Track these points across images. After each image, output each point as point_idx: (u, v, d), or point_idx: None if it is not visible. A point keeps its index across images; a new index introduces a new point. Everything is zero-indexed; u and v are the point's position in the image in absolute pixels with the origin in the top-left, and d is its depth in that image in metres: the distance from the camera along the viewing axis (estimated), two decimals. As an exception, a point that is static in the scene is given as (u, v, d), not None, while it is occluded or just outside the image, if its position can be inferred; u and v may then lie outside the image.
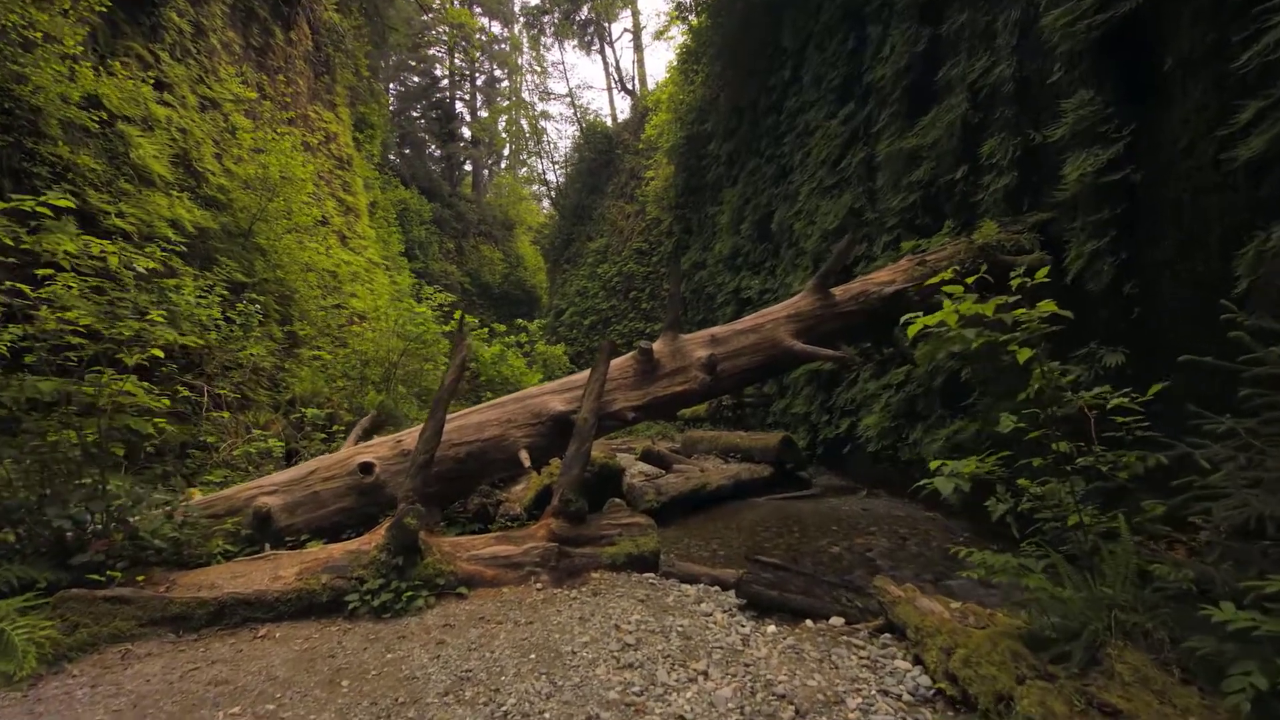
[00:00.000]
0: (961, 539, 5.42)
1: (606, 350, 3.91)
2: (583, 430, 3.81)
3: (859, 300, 4.48)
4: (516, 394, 4.12)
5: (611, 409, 4.07)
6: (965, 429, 5.76)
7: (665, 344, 4.35)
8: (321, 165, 14.91)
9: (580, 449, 3.77)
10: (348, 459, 3.80)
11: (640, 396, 4.15)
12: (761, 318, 4.51)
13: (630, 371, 4.24)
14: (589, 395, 3.88)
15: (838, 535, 5.53)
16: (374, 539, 3.23)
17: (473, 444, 3.87)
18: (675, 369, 4.23)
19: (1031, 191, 5.56)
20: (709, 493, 7.04)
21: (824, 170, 10.31)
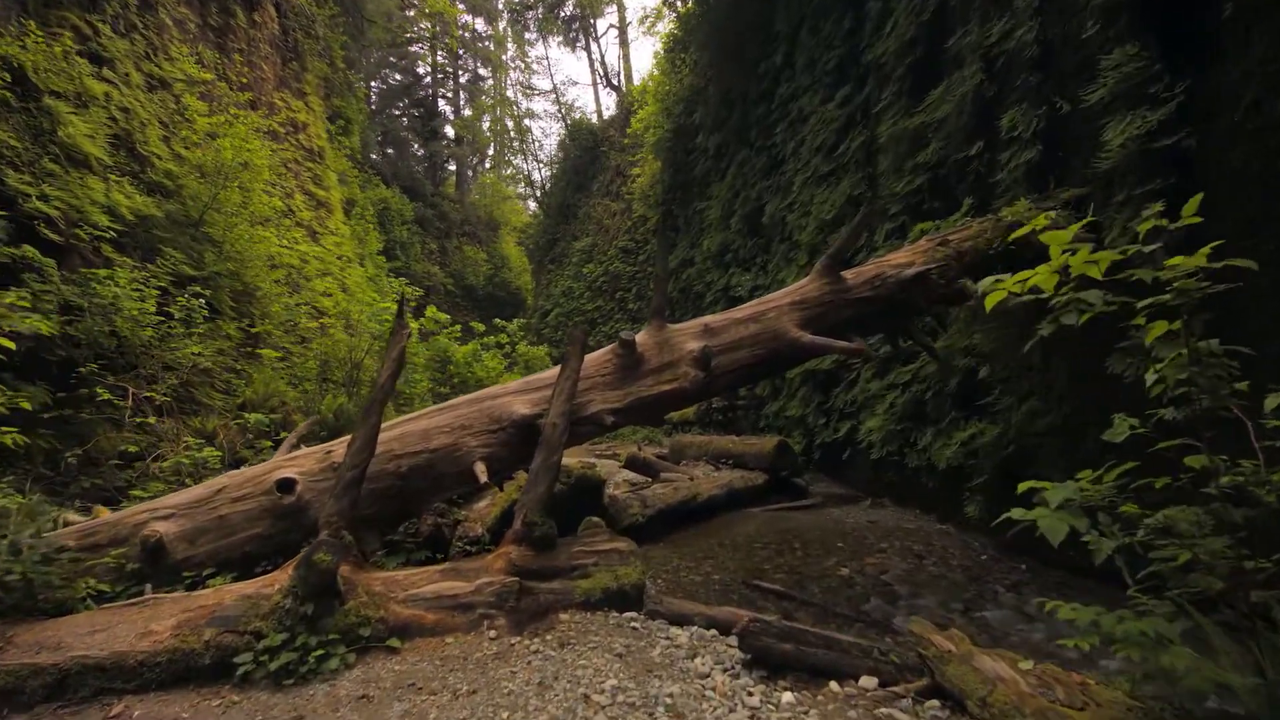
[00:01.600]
0: (984, 556, 4.82)
1: (578, 341, 3.26)
2: (551, 438, 3.16)
3: (874, 285, 3.87)
4: (472, 395, 3.46)
5: (586, 412, 3.42)
6: (985, 433, 5.16)
7: (650, 335, 3.71)
8: (288, 155, 14.14)
9: (548, 461, 3.12)
10: (264, 475, 3.12)
11: (621, 397, 3.50)
12: (763, 305, 3.88)
13: (609, 368, 3.59)
14: (558, 396, 3.23)
15: (845, 553, 4.91)
16: (282, 578, 2.56)
17: (417, 455, 3.21)
18: (662, 364, 3.59)
19: (1059, 166, 4.98)
20: (700, 504, 6.40)
21: (819, 158, 9.73)
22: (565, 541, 3.20)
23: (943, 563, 4.63)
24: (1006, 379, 5.38)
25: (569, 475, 4.83)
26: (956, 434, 5.54)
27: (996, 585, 4.13)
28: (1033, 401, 5.04)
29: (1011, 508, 4.96)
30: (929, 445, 6.05)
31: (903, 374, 6.69)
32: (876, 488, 7.21)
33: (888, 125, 7.32)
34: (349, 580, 2.60)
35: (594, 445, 12.05)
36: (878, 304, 3.91)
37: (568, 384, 3.22)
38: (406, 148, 40.74)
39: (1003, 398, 5.24)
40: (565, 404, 3.19)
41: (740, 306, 3.94)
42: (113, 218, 7.28)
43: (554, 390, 3.25)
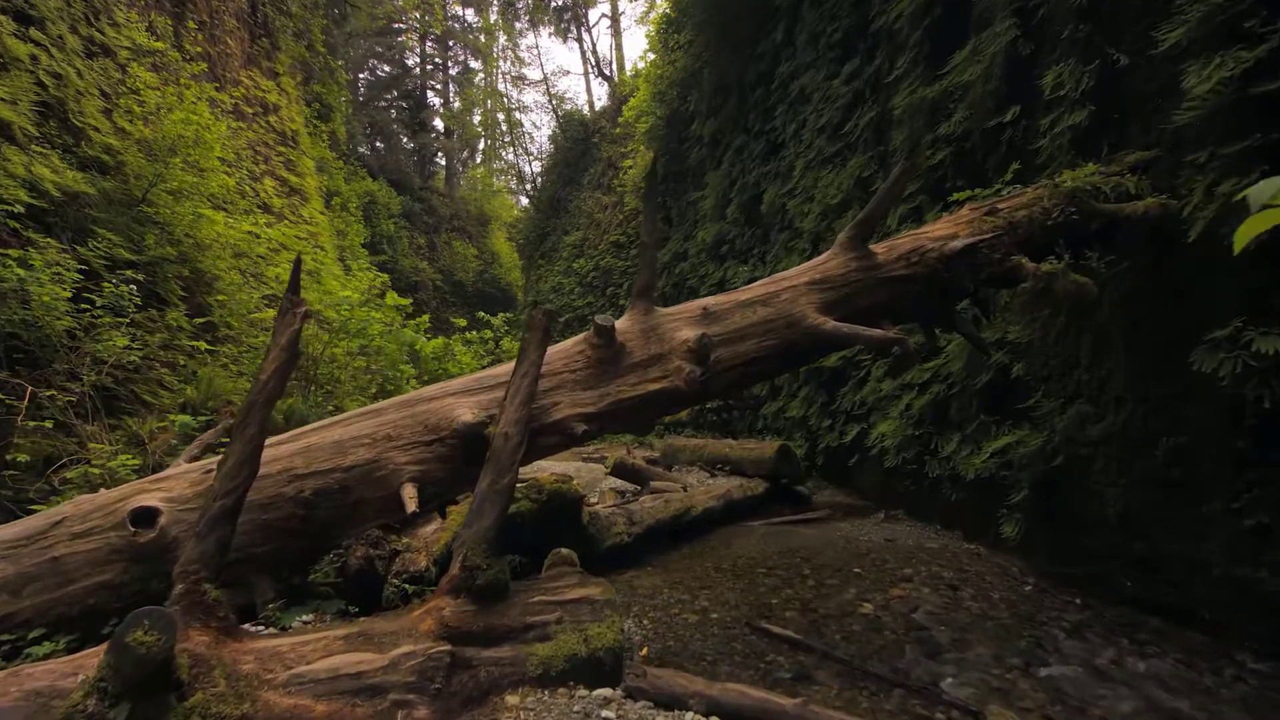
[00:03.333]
0: (1028, 587, 4.10)
1: (539, 327, 2.50)
2: (501, 454, 2.41)
3: (910, 261, 3.14)
4: (405, 397, 2.69)
5: (550, 418, 2.67)
6: (1026, 441, 4.43)
7: (634, 321, 2.95)
8: (257, 136, 13.30)
9: (497, 484, 2.37)
10: (117, 503, 2.36)
11: (595, 399, 2.74)
12: (774, 284, 3.13)
13: (580, 362, 2.83)
14: (512, 398, 2.48)
15: (864, 583, 4.18)
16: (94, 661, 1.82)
17: (327, 476, 2.44)
18: (649, 357, 2.84)
19: (1114, 129, 4.26)
20: (695, 518, 5.67)
21: (823, 139, 9.01)
22: (521, 589, 2.45)
23: (982, 596, 3.91)
24: (1047, 378, 4.66)
25: (540, 491, 4.08)
26: (989, 442, 4.81)
27: (1054, 628, 3.40)
28: (1081, 405, 4.32)
29: (1058, 528, 4.23)
30: (954, 453, 5.33)
31: (921, 373, 5.96)
32: (889, 499, 6.49)
33: (904, 96, 6.58)
34: (202, 659, 1.85)
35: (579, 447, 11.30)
36: (915, 284, 3.17)
37: (525, 382, 2.47)
38: (394, 140, 39.92)
39: (1045, 400, 4.51)
40: (521, 409, 2.44)
41: (746, 286, 3.20)
42: (35, 194, 6.46)
43: (507, 391, 2.50)
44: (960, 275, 3.17)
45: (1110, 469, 4.02)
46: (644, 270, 2.97)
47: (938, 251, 3.15)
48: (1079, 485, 4.16)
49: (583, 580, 2.61)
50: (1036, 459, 4.38)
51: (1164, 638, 3.33)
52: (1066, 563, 4.19)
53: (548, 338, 2.59)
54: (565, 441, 2.70)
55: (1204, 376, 3.33)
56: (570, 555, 2.86)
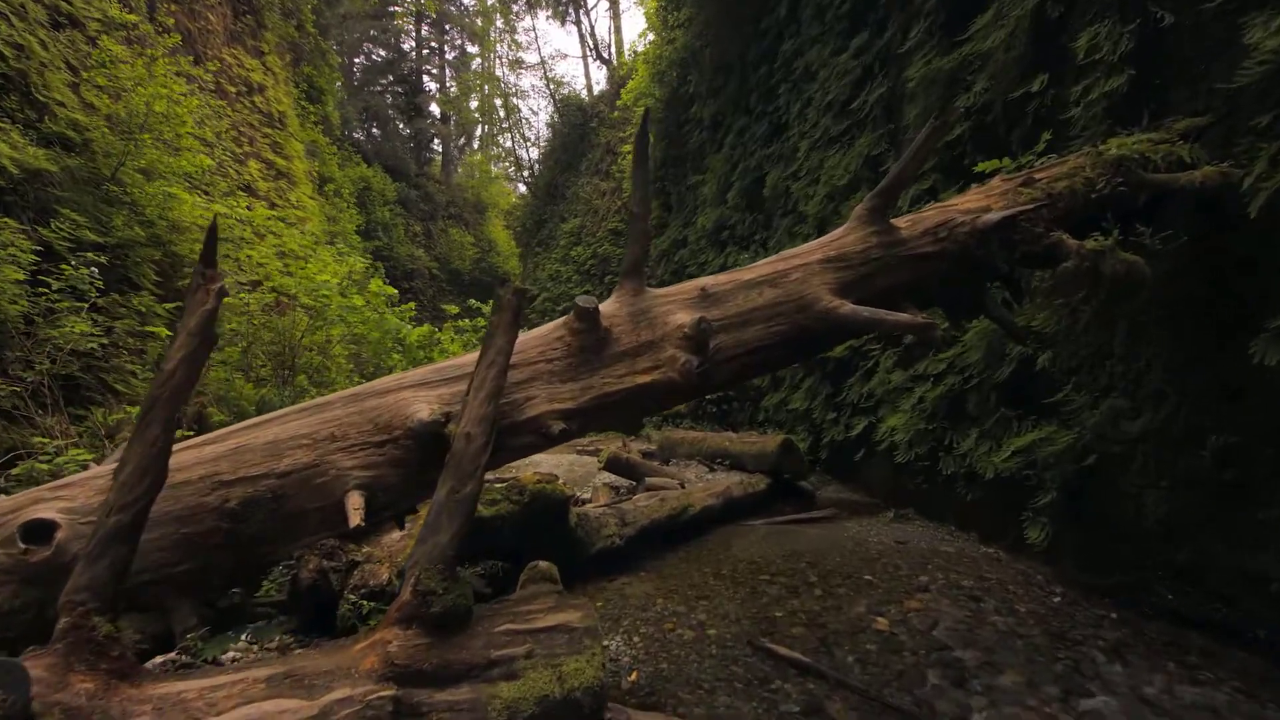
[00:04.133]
0: (1057, 598, 3.75)
1: (508, 308, 2.12)
2: (463, 458, 2.04)
3: (937, 236, 2.76)
4: (354, 390, 2.32)
5: (523, 415, 2.29)
6: (1055, 439, 4.07)
7: (622, 303, 2.57)
8: (241, 117, 12.84)
9: (458, 493, 2.01)
10: (9, 514, 1.99)
11: (576, 393, 2.37)
12: (783, 262, 2.76)
13: (559, 350, 2.45)
14: (475, 393, 2.11)
15: (877, 592, 3.82)
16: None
17: (257, 483, 2.07)
18: (639, 344, 2.46)
19: (1156, 95, 3.86)
20: (692, 518, 5.31)
21: (829, 117, 8.58)
22: (486, 614, 2.09)
23: (1007, 608, 3.55)
24: (1076, 370, 4.29)
25: (521, 492, 3.72)
26: (1012, 439, 4.44)
27: (1091, 649, 3.05)
28: (1114, 399, 3.96)
29: (1089, 533, 3.86)
30: (971, 450, 4.97)
31: (935, 363, 5.59)
32: (899, 496, 6.14)
33: (918, 68, 6.16)
34: (79, 713, 1.50)
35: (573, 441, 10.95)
36: (942, 263, 2.80)
37: (491, 373, 2.10)
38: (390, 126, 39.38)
39: (1075, 394, 4.14)
40: (486, 405, 2.07)
41: (752, 265, 2.81)
42: (-11, 170, 6.07)
43: (470, 384, 2.13)
44: (993, 253, 2.79)
45: (1149, 470, 3.66)
46: (633, 245, 2.58)
47: (969, 225, 2.77)
48: (1113, 487, 3.80)
49: (560, 602, 2.24)
50: (1065, 458, 4.02)
51: (1215, 660, 2.98)
52: (1098, 571, 3.84)
53: (518, 320, 2.21)
54: (540, 442, 2.33)
55: (1263, 369, 2.97)
56: (549, 569, 2.50)
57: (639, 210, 2.58)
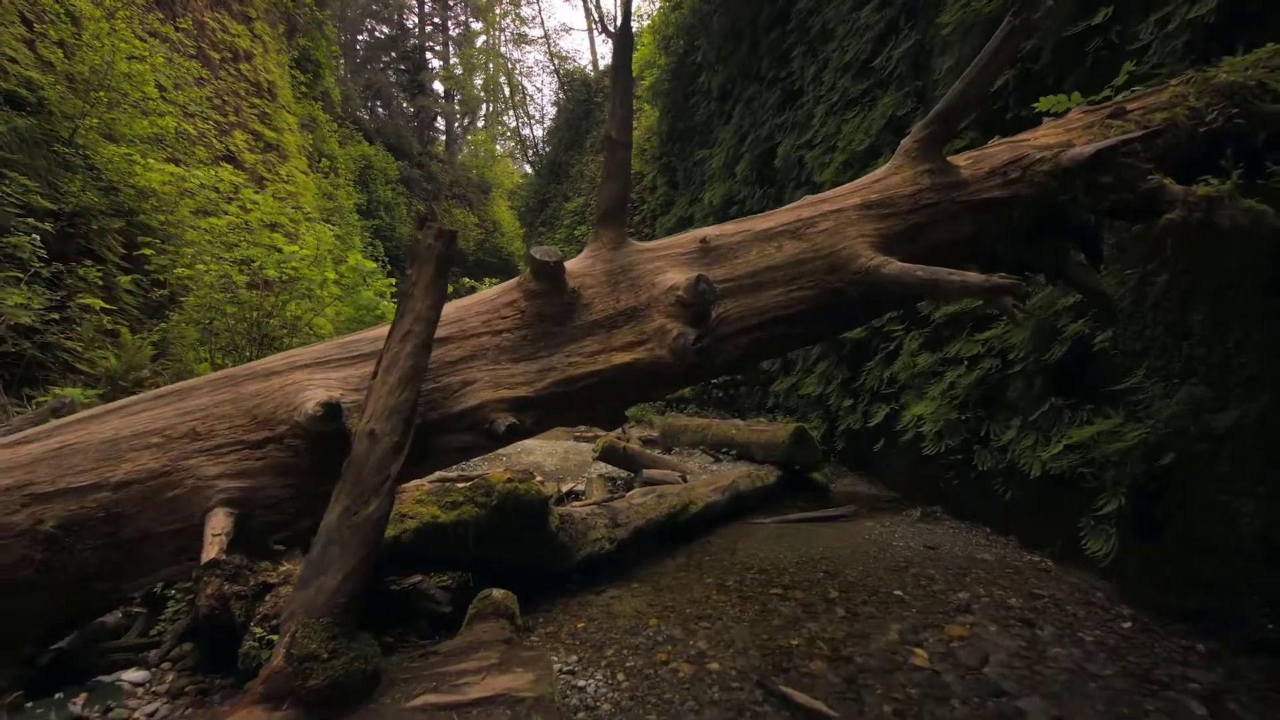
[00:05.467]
0: (1127, 623, 3.15)
1: (433, 256, 1.53)
2: (364, 465, 1.45)
3: (1008, 178, 2.15)
4: (228, 371, 1.75)
5: (459, 405, 1.70)
6: (1124, 434, 3.44)
7: (596, 257, 1.97)
8: (226, 85, 12.21)
9: (354, 517, 1.42)
10: None
11: (533, 376, 1.77)
12: (809, 208, 2.15)
13: (510, 318, 1.85)
14: (385, 375, 1.52)
15: (910, 612, 3.24)
16: None
17: (84, 497, 1.51)
18: (617, 312, 1.87)
19: (1246, 24, 3.19)
20: (693, 517, 4.74)
21: (848, 78, 7.88)
22: (405, 674, 1.52)
23: (1069, 636, 2.97)
24: (1144, 352, 3.66)
25: (489, 493, 3.15)
26: (1069, 432, 3.82)
27: (1183, 695, 2.46)
28: (1193, 387, 3.33)
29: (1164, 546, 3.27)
30: (1013, 443, 4.36)
31: (970, 345, 4.96)
32: (924, 492, 5.54)
33: (953, 12, 5.46)
34: None
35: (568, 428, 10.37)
36: (1013, 211, 2.18)
37: (407, 348, 1.51)
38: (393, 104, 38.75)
39: (1150, 380, 3.51)
40: (400, 392, 1.49)
41: (767, 213, 2.20)
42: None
43: (378, 363, 1.54)
44: (1079, 198, 2.16)
45: (1242, 473, 3.04)
46: (611, 180, 1.96)
47: (1050, 163, 2.14)
48: (1196, 493, 3.18)
49: (508, 656, 1.67)
50: (1135, 456, 3.40)
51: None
52: (1175, 591, 3.24)
53: (445, 276, 1.62)
54: (480, 442, 1.74)
55: None
56: (503, 601, 1.94)
57: (619, 135, 1.96)
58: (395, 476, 1.50)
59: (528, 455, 7.59)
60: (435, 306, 1.60)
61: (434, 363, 1.68)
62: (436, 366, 1.68)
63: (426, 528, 2.82)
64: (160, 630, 2.54)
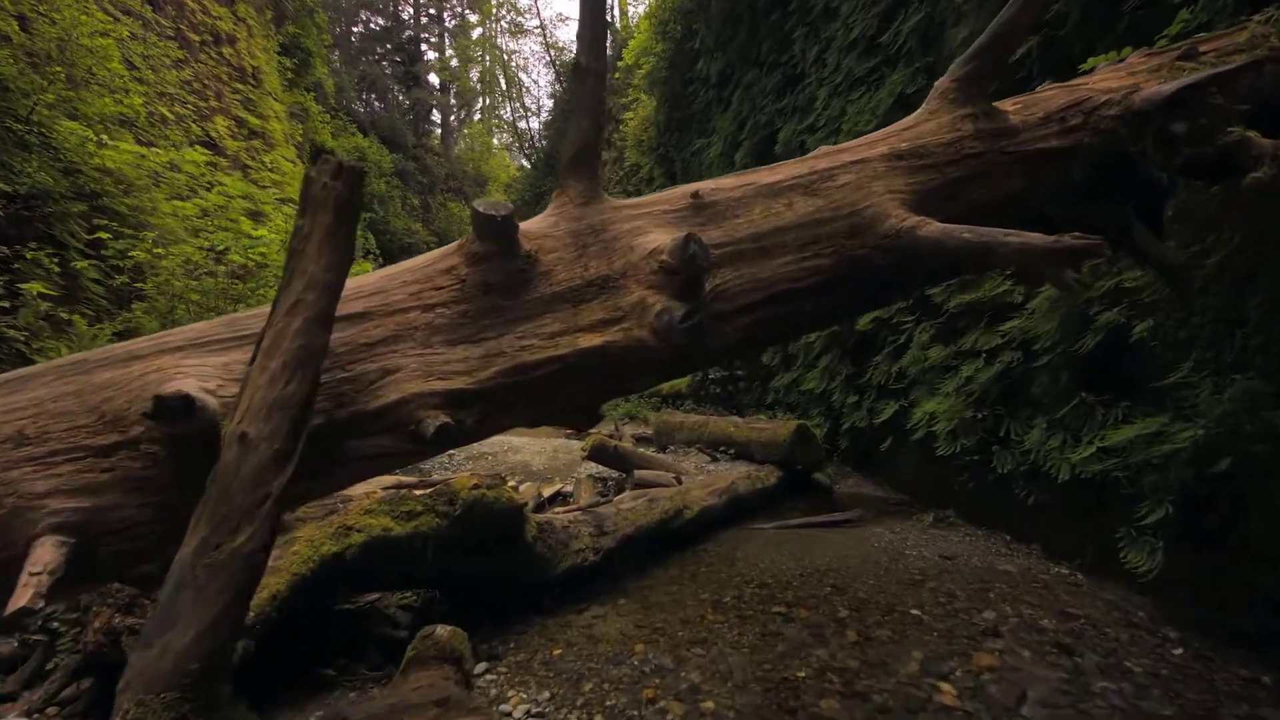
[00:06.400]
0: (1179, 650, 2.78)
1: (332, 201, 1.16)
2: (231, 479, 1.08)
3: (1068, 125, 1.77)
4: (78, 356, 1.37)
5: (376, 400, 1.32)
6: (1171, 433, 3.07)
7: (561, 214, 1.59)
8: (206, 69, 11.78)
9: (217, 552, 1.04)
10: None
11: (476, 363, 1.39)
12: (825, 158, 1.76)
13: (448, 289, 1.47)
14: (265, 359, 1.14)
15: (932, 636, 2.87)
16: None
17: None
18: (585, 282, 1.49)
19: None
20: (687, 523, 4.36)
21: (853, 57, 7.49)
22: None
23: (1115, 666, 2.60)
24: (1189, 342, 3.28)
25: (452, 502, 2.76)
26: (1108, 431, 3.44)
27: (1262, 744, 2.09)
28: (1250, 380, 2.95)
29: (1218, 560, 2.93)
30: (1040, 444, 3.98)
31: (989, 335, 4.58)
32: (935, 495, 5.16)
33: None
34: None
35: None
36: (1076, 163, 1.80)
37: (296, 324, 1.12)
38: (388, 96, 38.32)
39: (1199, 375, 3.13)
40: (285, 382, 1.09)
41: (774, 165, 1.82)
42: None
43: (258, 344, 1.16)
44: (1148, 150, 1.78)
45: None
46: (580, 120, 1.57)
47: (1119, 106, 1.76)
48: (1258, 502, 2.81)
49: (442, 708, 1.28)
50: (1183, 459, 3.03)
51: None
52: (1231, 611, 2.87)
53: (351, 228, 1.23)
54: (404, 446, 1.35)
55: None
56: (450, 642, 1.57)
57: (589, 62, 1.57)
58: (279, 495, 1.12)
59: (515, 454, 7.21)
60: (335, 268, 1.21)
61: (344, 345, 1.31)
62: (348, 350, 1.31)
63: (376, 542, 2.44)
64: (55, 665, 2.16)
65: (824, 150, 1.86)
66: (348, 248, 1.23)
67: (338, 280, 1.22)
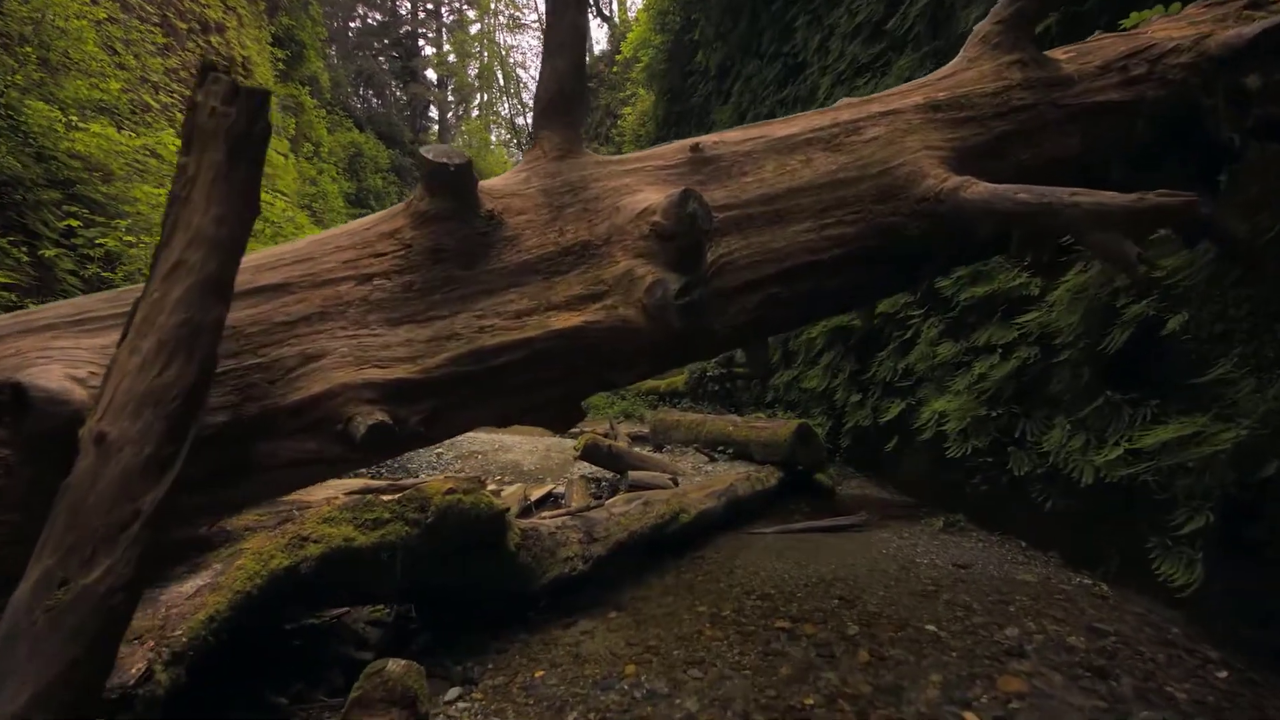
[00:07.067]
0: (1223, 672, 2.54)
1: (227, 132, 0.93)
2: (86, 493, 0.84)
3: (1129, 75, 1.53)
4: None
5: (296, 392, 1.06)
6: (1212, 434, 2.82)
7: (533, 170, 1.33)
8: (194, 58, 11.50)
9: (65, 594, 0.81)
10: None
11: (421, 348, 1.13)
12: (849, 109, 1.50)
13: (390, 255, 1.21)
14: (137, 339, 0.90)
15: (950, 657, 2.62)
16: None
17: None
18: (561, 249, 1.23)
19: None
20: (685, 526, 4.11)
21: (857, 44, 7.24)
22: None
23: (1155, 692, 2.35)
24: (1225, 336, 3.03)
25: (424, 509, 2.51)
26: (1141, 433, 3.19)
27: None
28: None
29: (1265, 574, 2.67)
30: (1060, 445, 3.73)
31: (1004, 330, 4.34)
32: (944, 498, 4.92)
33: (983, -46, 4.82)
34: None
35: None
36: (1140, 118, 1.55)
37: (180, 291, 0.87)
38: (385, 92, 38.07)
39: (1234, 371, 2.88)
40: (170, 366, 0.85)
41: (790, 117, 1.56)
42: None
43: (129, 318, 0.91)
44: (1220, 105, 1.53)
45: None
46: (557, 59, 1.29)
47: (1191, 53, 1.50)
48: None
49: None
50: (1223, 463, 2.78)
51: None
52: (1278, 631, 2.63)
53: (249, 169, 0.97)
54: (330, 450, 1.08)
55: None
56: (398, 680, 1.35)
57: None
58: (153, 514, 0.86)
59: (506, 453, 6.95)
60: (231, 221, 0.95)
61: (256, 324, 1.05)
62: (261, 331, 1.05)
63: (336, 554, 2.18)
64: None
65: (847, 101, 1.60)
66: (247, 195, 0.97)
67: (234, 237, 0.96)
